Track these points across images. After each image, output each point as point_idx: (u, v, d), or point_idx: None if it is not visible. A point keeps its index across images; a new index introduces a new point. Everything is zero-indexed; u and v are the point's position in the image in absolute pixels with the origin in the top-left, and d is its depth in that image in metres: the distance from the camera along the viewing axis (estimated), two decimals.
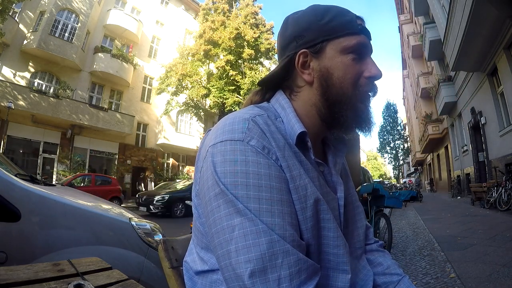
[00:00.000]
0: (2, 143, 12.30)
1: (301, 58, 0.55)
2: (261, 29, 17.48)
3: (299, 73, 0.56)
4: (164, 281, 0.67)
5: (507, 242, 3.64)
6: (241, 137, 0.47)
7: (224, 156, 0.46)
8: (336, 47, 0.53)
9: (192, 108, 17.82)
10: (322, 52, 0.54)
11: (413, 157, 34.23)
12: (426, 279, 2.63)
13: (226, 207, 0.44)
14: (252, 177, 0.45)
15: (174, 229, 6.38)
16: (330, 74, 0.54)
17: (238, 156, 0.46)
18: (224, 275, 0.44)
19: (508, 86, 7.66)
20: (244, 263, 0.41)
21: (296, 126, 0.53)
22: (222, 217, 0.44)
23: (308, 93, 0.56)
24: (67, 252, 1.22)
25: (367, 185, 3.82)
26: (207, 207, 0.47)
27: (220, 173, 0.46)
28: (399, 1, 26.03)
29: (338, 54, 0.53)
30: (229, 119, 0.51)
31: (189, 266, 0.59)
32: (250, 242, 0.42)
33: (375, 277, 0.64)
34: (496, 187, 7.36)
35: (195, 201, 0.56)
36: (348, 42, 0.53)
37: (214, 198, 0.46)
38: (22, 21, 13.62)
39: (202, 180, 0.49)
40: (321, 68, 0.54)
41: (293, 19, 0.57)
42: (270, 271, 0.41)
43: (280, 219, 0.44)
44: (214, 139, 0.49)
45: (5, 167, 1.49)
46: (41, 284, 0.53)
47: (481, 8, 6.04)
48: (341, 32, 0.53)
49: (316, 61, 0.54)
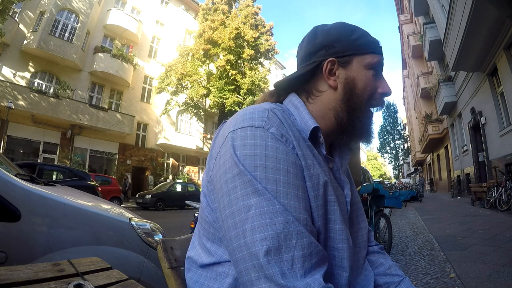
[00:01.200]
0: (2, 143, 12.30)
1: (329, 65, 0.60)
2: (260, 29, 17.49)
3: (325, 78, 0.61)
4: (164, 281, 0.67)
5: (507, 242, 3.64)
6: (262, 125, 0.50)
7: (244, 141, 0.49)
8: (362, 62, 0.60)
9: (192, 108, 17.83)
10: (349, 63, 0.60)
11: (413, 157, 34.24)
12: (426, 279, 2.63)
13: (244, 187, 0.46)
14: (271, 161, 0.47)
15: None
16: (354, 84, 0.60)
17: (258, 140, 0.48)
18: (236, 256, 0.45)
19: (508, 86, 7.66)
20: (260, 241, 0.42)
21: (309, 122, 0.57)
22: (238, 197, 0.46)
23: (330, 97, 0.61)
24: (67, 252, 1.22)
25: (367, 185, 3.82)
26: (222, 190, 0.48)
27: (239, 156, 0.48)
28: (399, 1, 26.03)
29: (362, 68, 0.60)
30: (248, 109, 0.54)
31: (192, 261, 0.59)
32: (266, 221, 0.43)
33: (376, 277, 0.66)
34: (496, 187, 7.37)
35: (205, 190, 0.57)
36: (371, 59, 0.60)
37: (232, 180, 0.47)
38: (22, 21, 13.63)
39: (218, 165, 0.51)
40: (347, 77, 0.60)
41: (323, 30, 0.63)
42: (284, 250, 0.42)
43: (296, 202, 0.47)
44: (233, 126, 0.52)
45: (5, 167, 1.49)
46: (41, 284, 0.53)
47: (481, 8, 6.04)
48: (367, 50, 0.60)
49: (342, 70, 0.60)
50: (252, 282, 0.43)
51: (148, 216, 2.82)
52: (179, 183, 15.18)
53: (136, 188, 16.84)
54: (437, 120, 17.82)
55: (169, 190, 13.68)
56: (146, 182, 17.95)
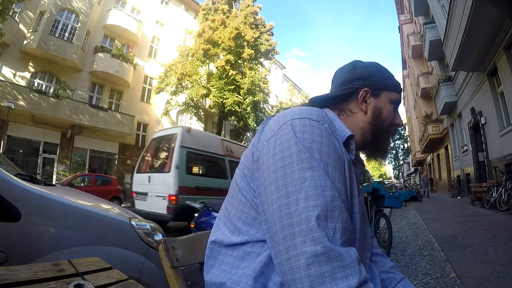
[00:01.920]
0: (2, 143, 12.30)
1: (364, 93, 0.73)
2: (260, 29, 17.46)
3: (358, 103, 0.73)
4: (164, 281, 0.66)
5: (507, 242, 3.64)
6: (318, 119, 0.59)
7: (303, 127, 0.57)
8: (388, 96, 0.74)
9: (192, 108, 17.80)
10: (379, 95, 0.74)
11: (413, 157, 34.22)
12: (426, 279, 2.63)
13: (301, 162, 0.53)
14: (325, 146, 0.56)
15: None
16: (381, 113, 0.73)
17: (315, 129, 0.57)
18: (282, 222, 0.50)
19: (508, 86, 7.66)
20: (312, 207, 0.49)
21: (346, 130, 0.67)
22: (294, 171, 0.52)
23: (360, 119, 0.73)
24: (67, 252, 1.22)
25: (367, 185, 3.82)
26: (275, 165, 0.55)
27: (299, 137, 0.55)
28: (399, 1, 26.02)
29: (387, 102, 0.74)
30: (303, 107, 0.63)
31: (216, 243, 0.63)
32: (319, 192, 0.50)
33: (379, 274, 0.72)
34: (496, 187, 7.36)
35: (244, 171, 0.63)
36: (394, 96, 0.75)
37: (289, 156, 0.54)
38: (22, 21, 13.62)
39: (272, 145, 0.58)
40: (376, 106, 0.73)
41: (362, 64, 0.77)
42: (330, 219, 0.49)
43: (340, 184, 0.55)
44: (292, 116, 0.59)
45: (5, 167, 1.49)
46: (41, 284, 0.53)
47: (481, 8, 6.04)
48: (393, 89, 0.75)
49: (373, 100, 0.73)
50: (296, 246, 0.47)
51: None
52: None
53: None
54: (437, 120, 17.82)
55: None
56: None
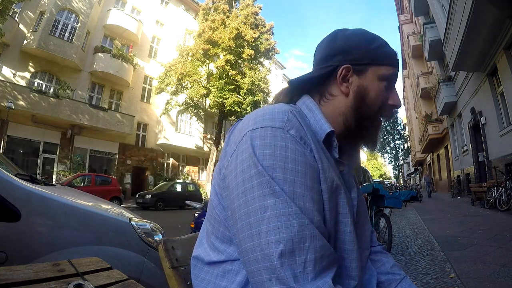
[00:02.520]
0: (2, 143, 12.30)
1: (344, 71, 0.60)
2: (261, 29, 17.47)
3: (338, 83, 0.61)
4: (164, 281, 0.67)
5: (507, 242, 3.64)
6: (282, 125, 0.50)
7: (264, 141, 0.48)
8: (376, 72, 0.60)
9: (192, 108, 17.82)
10: (364, 72, 0.60)
11: (413, 157, 34.23)
12: (426, 279, 2.63)
13: (261, 188, 0.45)
14: (290, 162, 0.47)
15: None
16: (366, 93, 0.60)
17: (278, 141, 0.48)
18: (248, 256, 0.45)
19: (508, 86, 7.66)
20: (274, 243, 0.42)
21: (325, 126, 0.57)
22: (255, 197, 0.45)
23: (341, 102, 0.61)
24: (67, 252, 1.22)
25: (367, 185, 3.82)
26: (237, 188, 0.48)
27: (259, 155, 0.47)
28: (399, 1, 26.03)
29: (376, 79, 0.60)
30: (267, 109, 0.53)
31: (198, 259, 0.59)
32: (282, 223, 0.43)
33: (378, 275, 0.67)
34: (496, 187, 7.37)
35: (216, 188, 0.57)
36: (386, 71, 0.60)
37: (249, 179, 0.47)
38: (22, 21, 13.62)
39: (235, 163, 0.50)
40: (360, 86, 0.60)
41: (343, 35, 0.63)
42: (298, 253, 0.43)
43: (311, 204, 0.47)
44: (253, 125, 0.51)
45: (5, 167, 1.49)
46: (41, 284, 0.53)
47: (481, 8, 6.04)
48: (383, 61, 0.60)
49: (356, 78, 0.60)
50: (264, 283, 0.43)
51: (148, 216, 2.82)
52: (179, 183, 15.22)
53: (136, 188, 16.84)
54: (437, 120, 17.82)
55: (169, 190, 13.72)
56: (146, 182, 17.95)
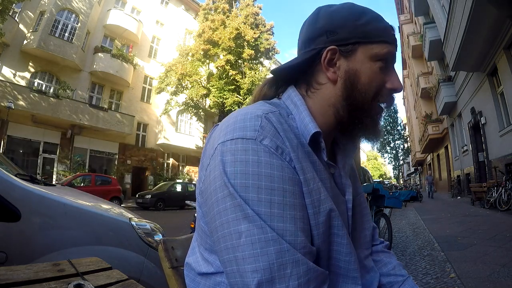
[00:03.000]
0: (2, 143, 12.30)
1: (329, 55, 0.52)
2: (261, 29, 17.49)
3: (324, 70, 0.53)
4: (164, 281, 0.66)
5: (507, 242, 3.64)
6: (254, 136, 0.44)
7: (234, 156, 0.43)
8: (368, 52, 0.51)
9: (192, 108, 17.83)
10: (352, 53, 0.52)
11: (413, 157, 34.22)
12: (426, 279, 2.63)
13: (234, 211, 0.41)
14: (265, 179, 0.42)
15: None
16: (357, 78, 0.52)
17: (250, 156, 0.43)
18: (229, 280, 0.42)
19: (508, 86, 7.66)
20: (251, 272, 0.39)
21: (310, 126, 0.51)
22: (229, 221, 0.41)
23: (329, 92, 0.54)
24: (67, 252, 1.22)
25: (367, 185, 3.82)
26: (213, 209, 0.44)
27: (229, 174, 0.43)
28: (399, 1, 26.03)
29: (368, 60, 0.52)
30: (239, 115, 0.47)
31: (191, 268, 0.56)
32: (258, 251, 0.39)
33: (380, 277, 0.64)
34: (496, 187, 7.37)
35: (199, 200, 0.53)
36: (380, 49, 0.51)
37: (222, 200, 0.42)
38: (22, 21, 13.62)
39: (208, 179, 0.46)
40: (349, 70, 0.52)
41: (326, 12, 0.54)
42: (278, 281, 0.39)
43: (292, 224, 0.42)
44: (223, 136, 0.46)
45: (5, 167, 1.49)
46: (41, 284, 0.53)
47: (481, 8, 6.04)
48: (375, 38, 0.51)
49: (344, 61, 0.52)
50: None
51: (148, 216, 2.82)
52: (179, 183, 15.23)
53: (136, 188, 16.84)
54: (437, 120, 17.82)
55: (169, 190, 13.72)
56: (146, 182, 17.96)
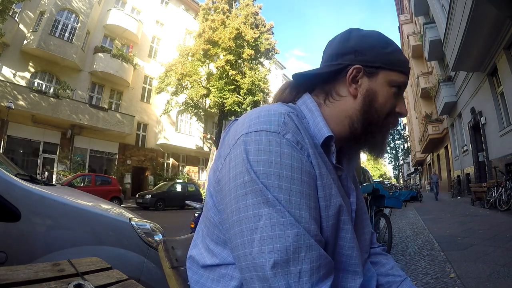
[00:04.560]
0: (2, 143, 12.30)
1: (354, 72, 0.57)
2: (261, 29, 17.49)
3: (347, 84, 0.58)
4: (164, 281, 0.66)
5: (507, 242, 3.64)
6: (277, 130, 0.48)
7: (258, 146, 0.46)
8: (387, 77, 0.58)
9: (192, 108, 17.82)
10: (374, 75, 0.58)
11: (413, 157, 34.23)
12: (426, 279, 2.63)
13: (255, 196, 0.44)
14: (286, 169, 0.45)
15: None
16: (375, 97, 0.57)
17: (273, 146, 0.46)
18: (241, 263, 0.44)
19: (508, 86, 7.66)
20: (268, 253, 0.41)
21: (324, 129, 0.55)
22: (248, 205, 0.44)
23: (348, 104, 0.59)
24: (67, 252, 1.22)
25: (367, 185, 3.82)
26: (230, 194, 0.47)
27: (252, 162, 0.46)
28: (399, 1, 26.03)
29: (386, 84, 0.58)
30: (263, 110, 0.51)
31: (194, 260, 0.58)
32: (276, 233, 0.42)
33: (378, 277, 0.66)
34: (496, 187, 7.37)
35: (211, 189, 0.55)
36: (397, 77, 0.58)
37: (242, 186, 0.45)
38: (22, 21, 13.62)
39: (227, 167, 0.49)
40: (369, 89, 0.57)
41: (358, 34, 0.60)
42: (292, 263, 0.41)
43: (307, 213, 0.45)
44: (247, 128, 0.49)
45: (5, 167, 1.49)
46: (41, 284, 0.53)
47: (481, 8, 6.04)
48: (396, 67, 0.58)
49: (366, 80, 0.58)
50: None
51: (148, 216, 2.82)
52: (179, 183, 15.23)
53: (136, 188, 16.84)
54: (437, 120, 17.82)
55: (169, 190, 13.73)
56: (146, 182, 17.96)
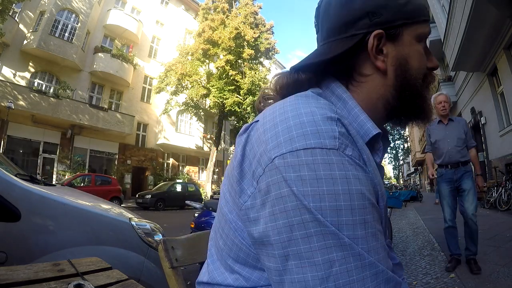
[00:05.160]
0: (2, 143, 12.30)
1: (376, 41, 0.45)
2: (261, 28, 17.49)
3: (372, 58, 0.46)
4: (164, 281, 0.67)
5: (507, 242, 3.64)
6: (335, 145, 0.36)
7: (315, 172, 0.35)
8: (413, 33, 0.47)
9: (192, 108, 17.82)
10: (399, 37, 0.46)
11: (413, 157, 34.24)
12: (426, 279, 2.63)
13: (323, 239, 0.34)
14: (357, 198, 0.35)
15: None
16: (408, 64, 0.47)
17: (336, 171, 0.35)
18: None
19: (508, 86, 7.67)
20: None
21: (368, 125, 0.44)
22: (315, 250, 0.34)
23: (377, 83, 0.47)
24: (67, 252, 1.22)
25: None
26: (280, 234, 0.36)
27: (312, 196, 0.34)
28: None
29: (415, 42, 0.47)
30: (303, 114, 0.38)
31: (210, 285, 0.49)
32: (354, 278, 0.34)
33: None
34: (496, 187, 7.38)
35: (230, 204, 0.45)
36: (423, 29, 0.48)
37: (301, 226, 0.34)
38: (22, 21, 13.62)
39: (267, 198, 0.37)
40: (398, 56, 0.46)
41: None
42: None
43: (379, 242, 0.37)
44: (289, 143, 0.36)
45: (5, 167, 1.49)
46: (41, 284, 0.53)
47: (481, 8, 6.04)
48: (418, 18, 0.47)
49: (391, 47, 0.46)
50: None
51: (148, 216, 2.82)
52: (179, 183, 15.24)
53: (136, 188, 16.84)
54: None
55: (169, 190, 13.74)
56: (146, 182, 17.96)
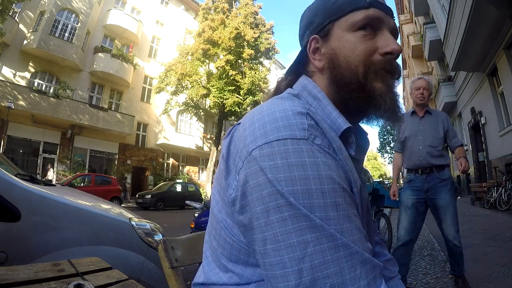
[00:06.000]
0: (2, 143, 12.30)
1: (313, 45, 0.52)
2: (261, 28, 17.48)
3: (311, 60, 0.53)
4: (164, 281, 0.67)
5: (507, 242, 3.64)
6: (305, 135, 0.39)
7: (287, 159, 0.38)
8: (343, 25, 0.49)
9: (192, 108, 17.82)
10: (329, 34, 0.50)
11: None
12: (426, 279, 2.63)
13: (296, 221, 0.36)
14: (327, 182, 0.38)
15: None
16: (336, 55, 0.49)
17: (306, 158, 0.38)
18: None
19: (508, 86, 7.67)
20: (322, 279, 0.36)
21: (339, 120, 0.47)
22: (290, 232, 0.37)
23: (320, 81, 0.52)
24: (67, 252, 1.22)
25: (367, 185, 3.81)
26: (258, 219, 0.39)
27: (283, 180, 0.37)
28: (399, 1, 26.02)
29: (345, 33, 0.49)
30: (277, 111, 0.42)
31: (206, 286, 0.50)
32: (328, 258, 0.36)
33: None
34: (496, 187, 7.38)
35: (227, 210, 0.46)
36: (354, 18, 0.48)
37: (276, 211, 0.37)
38: (22, 21, 13.62)
39: (247, 186, 0.40)
40: (329, 50, 0.50)
41: (307, 8, 0.56)
42: (350, 283, 0.37)
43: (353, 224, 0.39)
44: (264, 136, 0.40)
45: (5, 167, 1.49)
46: (41, 284, 0.53)
47: (481, 8, 6.04)
48: (346, 10, 0.49)
49: (325, 45, 0.51)
50: None
51: (148, 216, 2.82)
52: (179, 183, 15.24)
53: (136, 188, 16.84)
54: None
55: (169, 190, 13.74)
56: (146, 182, 17.96)
